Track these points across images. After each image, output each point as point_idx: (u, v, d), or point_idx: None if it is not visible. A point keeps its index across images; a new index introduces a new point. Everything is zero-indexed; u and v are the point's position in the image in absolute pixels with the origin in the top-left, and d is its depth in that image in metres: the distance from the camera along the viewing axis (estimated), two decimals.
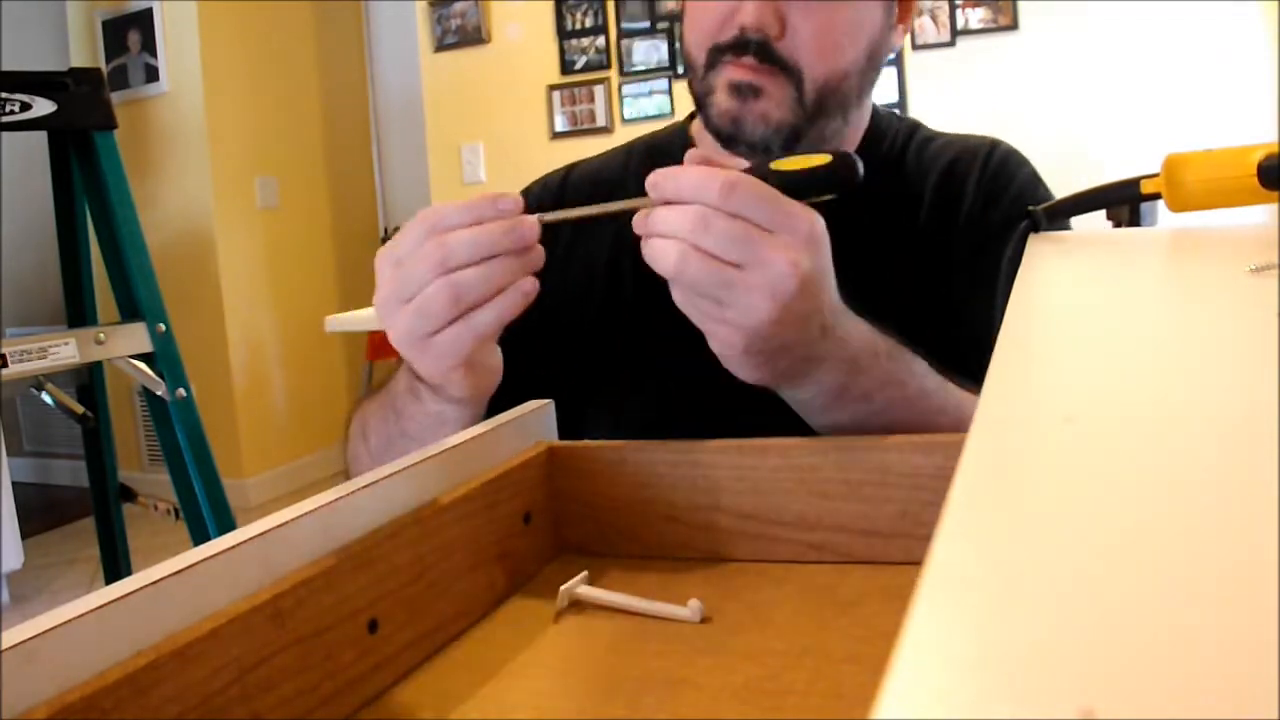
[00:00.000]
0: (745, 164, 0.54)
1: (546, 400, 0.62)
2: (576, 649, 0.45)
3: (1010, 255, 0.64)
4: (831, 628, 0.45)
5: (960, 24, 2.83)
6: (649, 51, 3.28)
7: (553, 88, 3.49)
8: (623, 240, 0.72)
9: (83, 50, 3.70)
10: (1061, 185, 0.74)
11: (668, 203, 0.51)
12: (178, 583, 0.34)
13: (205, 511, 1.89)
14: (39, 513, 3.51)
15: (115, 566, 2.07)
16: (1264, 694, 0.11)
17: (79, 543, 3.23)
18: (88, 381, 1.97)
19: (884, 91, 2.84)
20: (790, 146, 0.72)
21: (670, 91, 3.22)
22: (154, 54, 3.53)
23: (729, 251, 0.49)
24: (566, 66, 3.46)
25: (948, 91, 2.85)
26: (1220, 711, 0.11)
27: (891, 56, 0.99)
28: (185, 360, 1.88)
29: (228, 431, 3.51)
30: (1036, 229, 0.65)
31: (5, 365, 1.58)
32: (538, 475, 0.56)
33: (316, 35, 4.05)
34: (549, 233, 0.54)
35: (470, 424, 0.59)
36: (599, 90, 3.40)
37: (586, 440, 0.59)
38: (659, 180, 0.51)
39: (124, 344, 1.79)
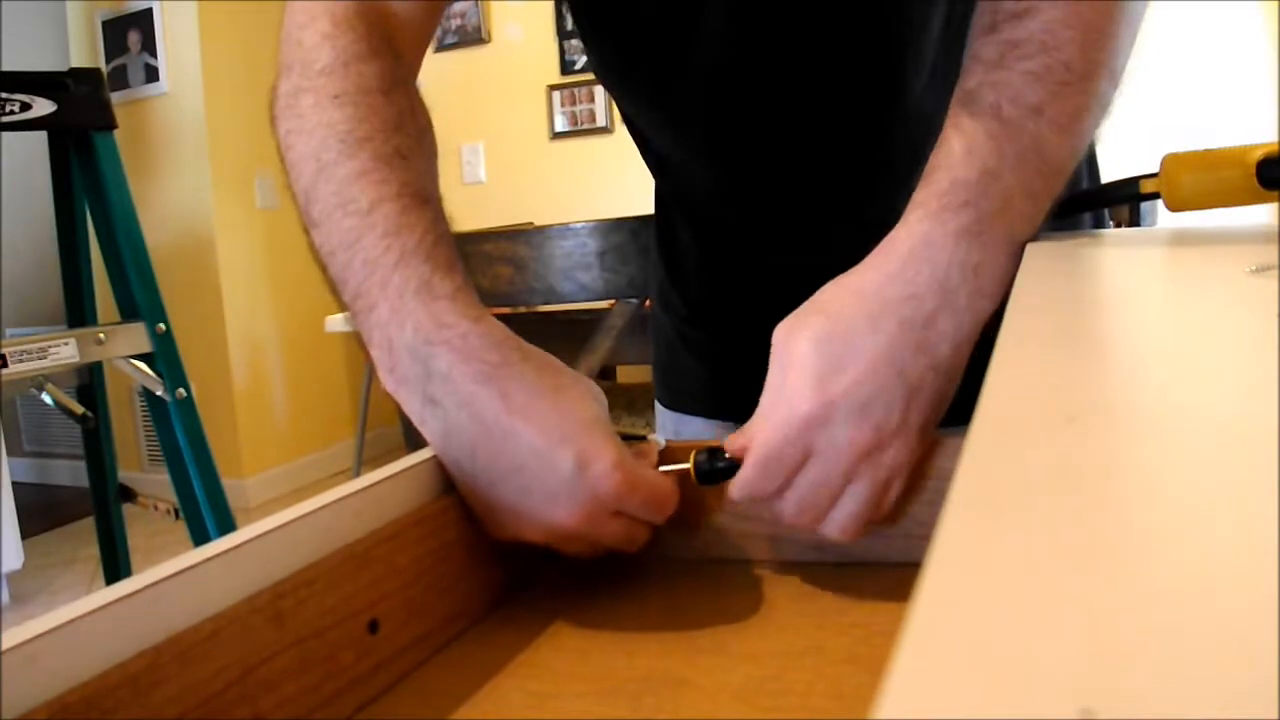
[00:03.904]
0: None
1: None
2: (576, 649, 0.45)
3: None
4: (831, 628, 0.45)
5: None
6: None
7: (553, 88, 3.49)
8: None
9: (83, 50, 3.70)
10: None
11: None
12: (178, 583, 0.34)
13: (205, 511, 1.89)
14: (39, 513, 3.51)
15: (115, 566, 2.07)
16: (1264, 694, 0.11)
17: (79, 543, 3.23)
18: (88, 382, 1.97)
19: None
20: None
21: None
22: (154, 54, 3.53)
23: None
24: (566, 66, 3.47)
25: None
26: (1220, 711, 0.11)
27: None
28: (185, 360, 1.88)
29: (228, 431, 3.51)
30: None
31: (5, 365, 1.58)
32: None
33: None
34: None
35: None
36: (599, 90, 3.40)
37: None
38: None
39: (124, 344, 1.79)
